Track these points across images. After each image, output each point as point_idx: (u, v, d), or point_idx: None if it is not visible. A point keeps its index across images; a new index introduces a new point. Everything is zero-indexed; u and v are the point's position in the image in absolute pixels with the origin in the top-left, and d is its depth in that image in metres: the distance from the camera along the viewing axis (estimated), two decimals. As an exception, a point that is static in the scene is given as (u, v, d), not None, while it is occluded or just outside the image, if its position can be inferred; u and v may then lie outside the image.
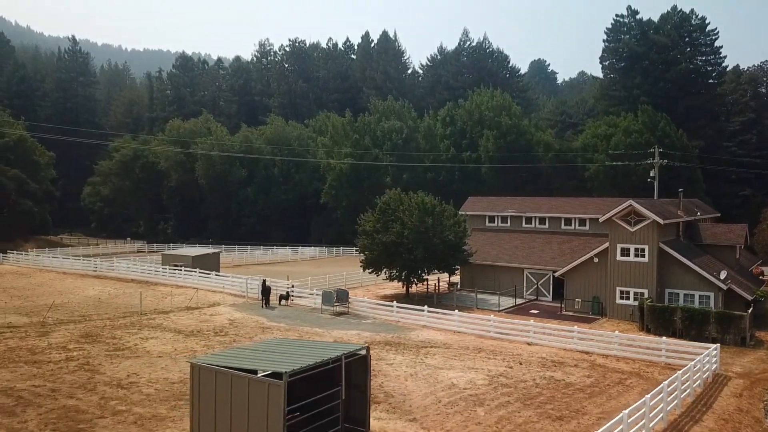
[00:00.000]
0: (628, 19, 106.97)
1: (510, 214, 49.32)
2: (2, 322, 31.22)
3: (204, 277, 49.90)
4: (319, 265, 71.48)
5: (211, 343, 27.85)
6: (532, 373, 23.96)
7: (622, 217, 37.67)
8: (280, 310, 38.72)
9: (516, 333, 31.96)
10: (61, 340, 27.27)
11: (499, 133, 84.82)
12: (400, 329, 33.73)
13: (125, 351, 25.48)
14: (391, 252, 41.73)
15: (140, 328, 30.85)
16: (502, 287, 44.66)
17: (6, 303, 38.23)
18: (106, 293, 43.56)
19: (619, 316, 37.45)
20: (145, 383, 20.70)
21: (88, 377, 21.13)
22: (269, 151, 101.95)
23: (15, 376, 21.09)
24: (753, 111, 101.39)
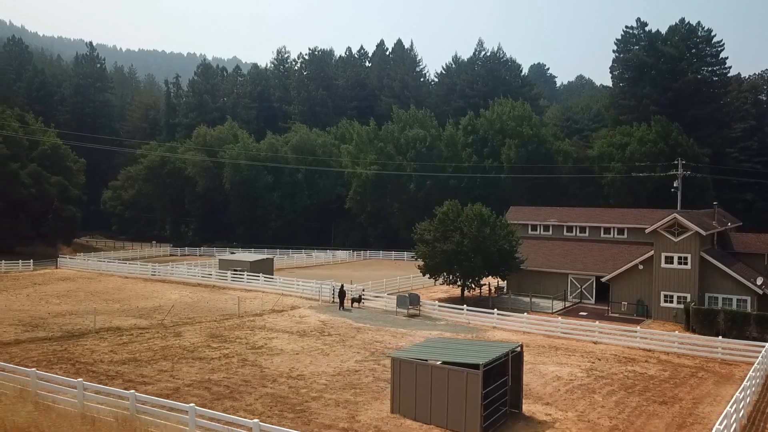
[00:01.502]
0: (637, 31, 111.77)
1: (552, 223, 53.52)
2: (126, 324, 34.89)
3: (269, 282, 53.69)
4: (356, 268, 75.27)
5: (326, 341, 31.76)
6: (616, 368, 28.07)
7: (666, 228, 41.86)
8: (356, 312, 42.65)
9: (581, 333, 36.07)
10: (196, 340, 31.08)
11: (520, 142, 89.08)
12: (474, 330, 37.75)
13: (263, 349, 29.34)
14: (451, 259, 45.77)
15: (251, 329, 34.69)
16: (547, 291, 48.76)
17: (109, 306, 41.88)
18: (187, 297, 47.27)
19: (663, 317, 41.62)
20: (310, 375, 24.58)
21: (259, 371, 24.98)
22: (294, 158, 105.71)
23: (197, 370, 24.89)
24: (754, 118, 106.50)
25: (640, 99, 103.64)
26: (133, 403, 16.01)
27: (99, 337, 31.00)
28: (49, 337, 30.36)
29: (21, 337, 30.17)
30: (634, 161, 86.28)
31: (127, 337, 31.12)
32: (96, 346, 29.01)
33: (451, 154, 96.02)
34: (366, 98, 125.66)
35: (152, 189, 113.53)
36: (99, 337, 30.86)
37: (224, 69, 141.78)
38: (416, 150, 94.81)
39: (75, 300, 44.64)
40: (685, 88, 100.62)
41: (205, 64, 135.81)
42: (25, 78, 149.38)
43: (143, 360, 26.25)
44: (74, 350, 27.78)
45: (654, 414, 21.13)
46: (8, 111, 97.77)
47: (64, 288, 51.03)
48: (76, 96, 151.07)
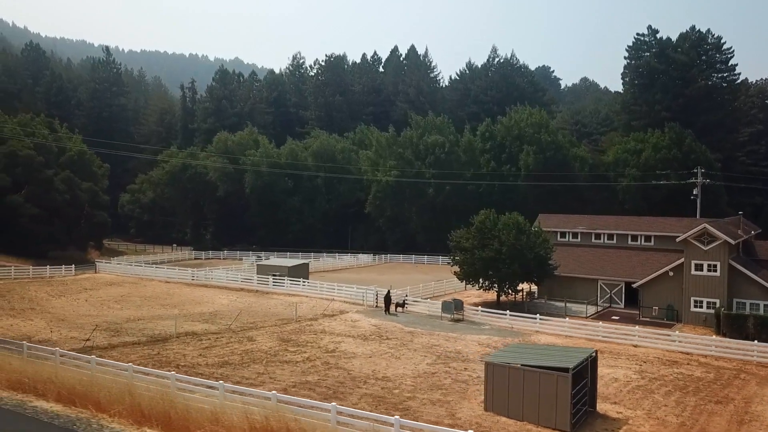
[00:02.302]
0: (648, 38, 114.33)
1: (581, 230, 55.99)
2: (199, 329, 37.29)
3: (310, 287, 56.11)
4: (381, 272, 77.71)
5: (389, 345, 34.18)
6: (663, 370, 30.52)
7: (696, 237, 44.31)
8: (402, 316, 45.08)
9: (621, 336, 38.52)
10: (272, 344, 33.50)
11: (538, 149, 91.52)
12: (519, 334, 40.19)
13: (337, 353, 31.76)
14: (489, 266, 48.21)
15: (315, 333, 37.12)
16: (577, 296, 51.18)
17: (170, 311, 44.29)
18: (237, 302, 49.68)
19: (693, 322, 44.07)
20: (394, 377, 26.99)
21: (346, 373, 27.41)
22: (314, 164, 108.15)
23: (289, 373, 27.29)
24: (761, 123, 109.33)
25: (652, 105, 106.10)
26: (275, 402, 18.36)
27: (181, 341, 33.41)
28: (138, 342, 32.75)
29: (112, 342, 32.56)
30: (648, 167, 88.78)
31: (207, 342, 33.52)
32: (183, 350, 31.42)
33: (468, 160, 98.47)
34: (381, 104, 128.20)
35: (173, 193, 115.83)
36: (182, 342, 33.26)
37: (240, 74, 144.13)
38: (435, 156, 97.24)
39: (134, 305, 47.04)
40: (696, 95, 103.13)
41: (222, 70, 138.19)
42: (43, 83, 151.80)
43: (235, 363, 28.67)
44: (167, 354, 30.18)
45: (713, 413, 23.57)
46: (37, 118, 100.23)
47: (116, 293, 53.42)
48: (92, 101, 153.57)
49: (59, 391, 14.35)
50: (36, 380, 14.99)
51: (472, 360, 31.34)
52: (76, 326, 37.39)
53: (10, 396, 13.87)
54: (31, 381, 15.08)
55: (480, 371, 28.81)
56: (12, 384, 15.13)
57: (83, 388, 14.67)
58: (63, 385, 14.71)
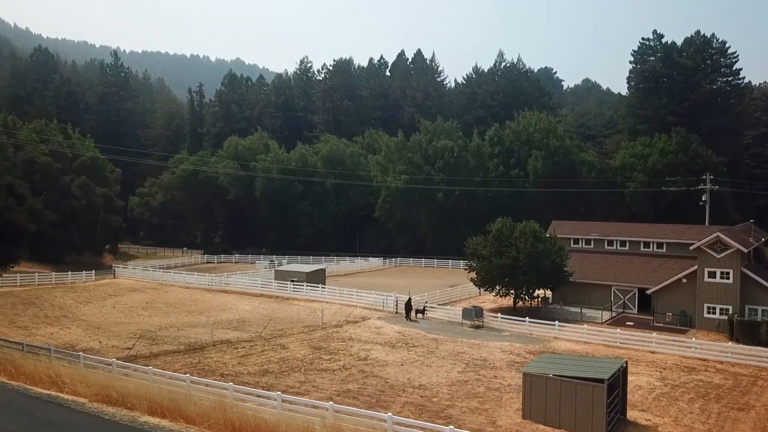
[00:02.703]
0: (654, 42, 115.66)
1: (594, 237, 57.28)
2: (231, 337, 38.56)
3: (330, 292, 57.35)
4: (395, 276, 78.93)
5: (417, 352, 35.46)
6: (684, 377, 31.81)
7: (710, 245, 45.58)
8: (424, 323, 46.36)
9: (639, 343, 39.80)
10: (305, 352, 34.78)
11: (547, 154, 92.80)
12: (539, 340, 41.46)
13: (369, 360, 33.05)
14: (507, 273, 49.52)
15: (343, 340, 38.42)
16: (591, 302, 52.43)
17: (197, 318, 45.59)
18: (260, 308, 50.98)
19: (706, 328, 45.33)
20: (430, 385, 28.28)
21: (383, 381, 28.69)
22: (324, 168, 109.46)
23: (329, 381, 28.56)
24: (765, 126, 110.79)
25: (657, 109, 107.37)
26: (332, 412, 19.63)
27: (218, 350, 34.71)
28: (177, 351, 34.05)
29: (153, 350, 33.85)
30: (655, 172, 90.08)
31: (243, 350, 34.82)
32: (222, 358, 32.71)
33: (477, 164, 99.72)
34: (389, 108, 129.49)
35: (184, 197, 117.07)
36: (218, 350, 34.57)
37: (249, 79, 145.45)
38: (444, 160, 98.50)
39: (161, 312, 48.33)
40: (701, 99, 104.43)
41: (231, 75, 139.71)
42: (53, 87, 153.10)
43: (275, 372, 29.96)
44: (207, 363, 31.47)
45: (737, 419, 24.86)
46: (51, 124, 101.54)
47: (140, 299, 54.69)
48: (101, 104, 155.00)
49: (149, 405, 15.60)
50: (125, 394, 16.24)
51: (499, 367, 32.63)
52: (112, 334, 38.68)
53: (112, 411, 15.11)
54: (119, 395, 16.33)
55: (510, 379, 30.16)
56: (101, 398, 16.38)
57: (170, 402, 15.94)
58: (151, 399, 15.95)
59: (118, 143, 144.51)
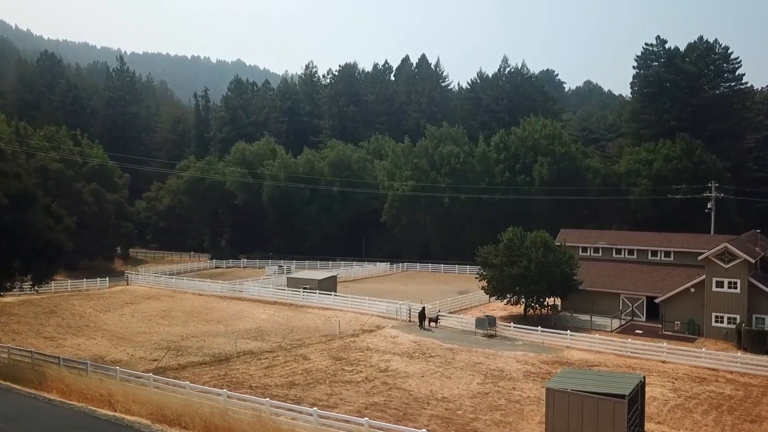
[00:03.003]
0: (657, 48, 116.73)
1: (602, 246, 58.27)
2: (253, 347, 39.54)
3: (342, 300, 58.33)
4: (403, 282, 79.91)
5: (436, 363, 36.46)
6: (696, 388, 32.79)
7: (717, 256, 46.57)
8: (437, 332, 47.37)
9: (650, 352, 40.78)
10: (327, 363, 35.78)
11: (552, 160, 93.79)
12: (552, 350, 42.45)
13: (390, 372, 34.05)
14: (518, 282, 50.52)
15: (361, 350, 39.42)
16: (600, 310, 53.37)
17: (216, 328, 46.58)
18: (276, 317, 51.96)
19: (714, 336, 46.30)
20: (452, 398, 29.29)
21: (407, 394, 29.69)
22: (330, 174, 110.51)
23: (355, 394, 29.55)
24: (767, 129, 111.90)
25: (661, 114, 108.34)
26: (367, 428, 20.63)
27: (242, 361, 35.71)
28: (203, 362, 35.05)
29: (180, 362, 34.85)
30: (660, 178, 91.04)
31: (266, 361, 35.82)
32: (247, 370, 33.72)
33: (483, 170, 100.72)
34: (394, 113, 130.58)
35: (192, 202, 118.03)
36: (243, 361, 35.57)
37: (254, 84, 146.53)
38: (450, 166, 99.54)
39: (180, 321, 49.33)
40: (705, 104, 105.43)
41: (237, 80, 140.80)
42: (59, 92, 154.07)
43: (301, 384, 30.96)
44: (234, 375, 32.47)
45: None
46: (61, 130, 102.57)
47: (157, 307, 55.68)
48: (107, 109, 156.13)
49: (204, 425, 16.59)
50: (179, 414, 17.23)
51: (516, 379, 33.63)
52: (137, 345, 39.69)
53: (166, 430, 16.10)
54: (173, 414, 17.32)
55: (528, 390, 31.17)
56: (158, 417, 17.38)
57: (220, 421, 16.94)
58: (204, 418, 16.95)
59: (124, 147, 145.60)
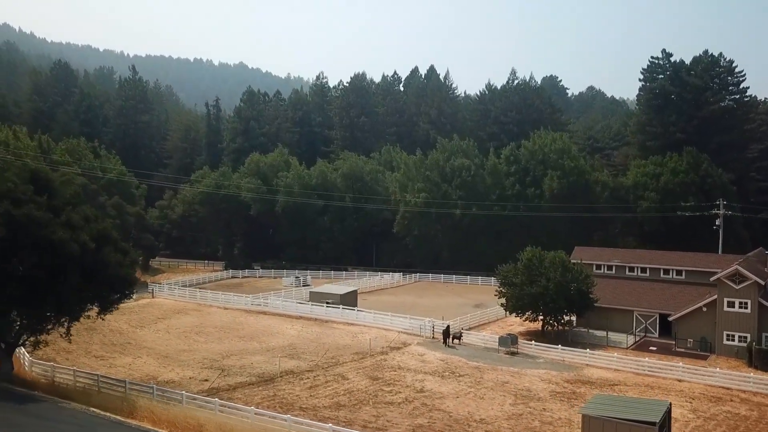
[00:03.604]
0: (663, 61, 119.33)
1: (615, 264, 60.60)
2: (292, 366, 41.80)
3: (365, 315, 60.53)
4: (418, 294, 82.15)
5: (467, 382, 38.75)
6: (713, 408, 35.09)
7: (729, 277, 48.90)
8: (461, 349, 49.68)
9: (666, 371, 43.08)
10: (365, 383, 38.07)
11: (562, 174, 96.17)
12: (572, 368, 44.73)
13: (426, 392, 36.34)
14: (537, 300, 52.85)
15: (394, 369, 41.73)
16: (614, 326, 55.69)
17: (250, 345, 48.87)
18: (305, 333, 54.27)
19: (726, 354, 48.62)
20: (489, 419, 31.56)
21: (447, 415, 31.96)
22: (343, 185, 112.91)
23: (399, 415, 31.83)
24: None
25: (667, 126, 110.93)
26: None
27: (285, 381, 37.98)
28: (250, 382, 37.29)
29: (229, 382, 37.09)
30: (667, 191, 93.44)
31: (308, 381, 38.11)
32: (292, 390, 36.00)
33: (494, 182, 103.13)
34: (404, 124, 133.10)
35: (207, 212, 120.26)
36: (286, 381, 37.84)
37: (266, 94, 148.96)
38: (461, 178, 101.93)
39: (214, 338, 51.62)
40: (710, 117, 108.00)
41: (249, 91, 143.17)
42: (73, 101, 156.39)
43: (347, 405, 33.24)
44: (282, 395, 34.74)
45: (767, 453, 28.20)
46: (81, 142, 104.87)
47: (188, 323, 57.99)
48: (119, 118, 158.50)
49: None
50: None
51: (545, 399, 35.93)
52: (182, 363, 41.98)
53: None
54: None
55: (557, 411, 33.47)
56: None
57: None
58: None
59: (136, 155, 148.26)
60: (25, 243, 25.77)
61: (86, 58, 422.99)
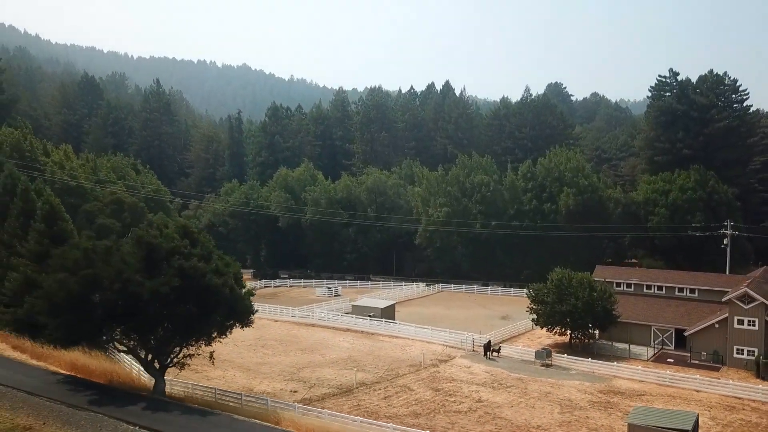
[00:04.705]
0: (670, 79, 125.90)
1: (634, 282, 66.92)
2: (362, 378, 47.96)
3: (407, 328, 66.69)
4: (447, 306, 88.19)
5: (514, 392, 45.00)
6: (729, 417, 41.33)
7: (739, 298, 55.18)
8: (502, 361, 55.94)
9: (685, 382, 49.36)
10: (429, 394, 44.25)
11: (577, 191, 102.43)
12: (602, 379, 50.98)
13: (485, 402, 42.58)
14: (567, 317, 59.17)
15: (448, 381, 47.98)
16: (633, 339, 61.98)
17: (314, 357, 55.06)
18: (358, 345, 60.52)
19: (736, 366, 54.88)
20: (545, 426, 37.73)
21: (508, 423, 38.12)
22: (367, 198, 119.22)
23: (468, 422, 38.01)
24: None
25: (674, 143, 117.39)
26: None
27: (362, 392, 44.21)
28: (333, 393, 43.48)
29: (316, 393, 43.27)
30: (676, 207, 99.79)
31: (380, 392, 44.35)
32: (371, 400, 42.24)
33: (511, 198, 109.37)
34: (422, 139, 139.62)
35: (237, 224, 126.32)
36: (362, 392, 44.07)
37: (288, 109, 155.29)
38: (481, 194, 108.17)
39: (279, 351, 57.86)
40: (715, 134, 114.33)
41: (273, 107, 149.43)
42: (100, 114, 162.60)
43: (422, 413, 39.47)
44: (366, 405, 40.91)
45: (776, 454, 34.46)
46: (124, 160, 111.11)
47: (250, 336, 63.47)
48: (144, 130, 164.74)
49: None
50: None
51: (585, 408, 42.21)
52: (265, 375, 48.22)
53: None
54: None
55: (599, 419, 39.73)
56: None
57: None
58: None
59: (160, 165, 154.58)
60: (191, 289, 31.96)
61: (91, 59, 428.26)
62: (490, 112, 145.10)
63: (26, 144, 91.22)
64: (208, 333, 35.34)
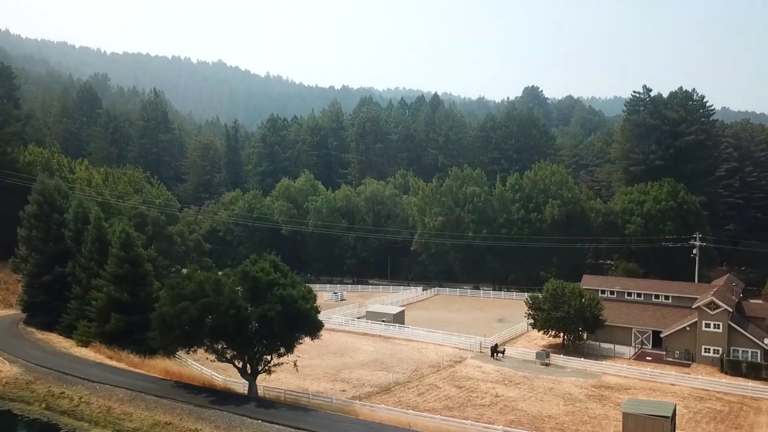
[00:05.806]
0: (643, 95, 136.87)
1: (617, 290, 76.70)
2: (393, 379, 56.49)
3: (418, 332, 75.33)
4: (448, 309, 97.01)
5: (524, 388, 54.03)
6: (699, 405, 50.89)
7: (706, 305, 65.10)
8: (507, 361, 65.06)
9: (663, 377, 59.03)
10: (454, 390, 52.96)
11: (561, 202, 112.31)
12: (593, 375, 60.36)
13: (501, 397, 51.43)
14: (561, 322, 68.58)
15: (467, 379, 56.84)
16: (616, 340, 71.70)
17: (344, 360, 63.49)
18: (380, 348, 69.08)
19: (704, 362, 64.83)
20: (555, 415, 46.73)
21: (525, 414, 46.96)
22: (366, 207, 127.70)
23: (493, 414, 46.77)
24: (735, 160, 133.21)
25: (647, 154, 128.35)
26: (535, 438, 38.04)
27: (399, 390, 52.75)
28: (377, 392, 51.81)
29: (362, 392, 51.63)
30: (650, 216, 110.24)
31: (414, 389, 52.98)
32: (409, 396, 50.81)
33: (501, 208, 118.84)
34: (414, 149, 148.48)
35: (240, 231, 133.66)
36: (399, 390, 52.60)
37: (285, 119, 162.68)
38: (473, 204, 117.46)
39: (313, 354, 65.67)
40: (685, 146, 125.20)
41: (272, 119, 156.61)
42: (100, 123, 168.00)
43: (454, 407, 48.22)
44: (407, 401, 49.37)
45: (736, 435, 44.08)
46: (137, 173, 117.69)
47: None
48: (142, 138, 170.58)
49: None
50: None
51: (583, 400, 51.46)
52: (309, 377, 56.43)
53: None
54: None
55: (596, 410, 49.01)
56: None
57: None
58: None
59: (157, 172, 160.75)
60: (285, 313, 40.36)
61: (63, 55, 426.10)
62: (477, 125, 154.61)
63: (54, 161, 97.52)
64: (292, 345, 43.69)
